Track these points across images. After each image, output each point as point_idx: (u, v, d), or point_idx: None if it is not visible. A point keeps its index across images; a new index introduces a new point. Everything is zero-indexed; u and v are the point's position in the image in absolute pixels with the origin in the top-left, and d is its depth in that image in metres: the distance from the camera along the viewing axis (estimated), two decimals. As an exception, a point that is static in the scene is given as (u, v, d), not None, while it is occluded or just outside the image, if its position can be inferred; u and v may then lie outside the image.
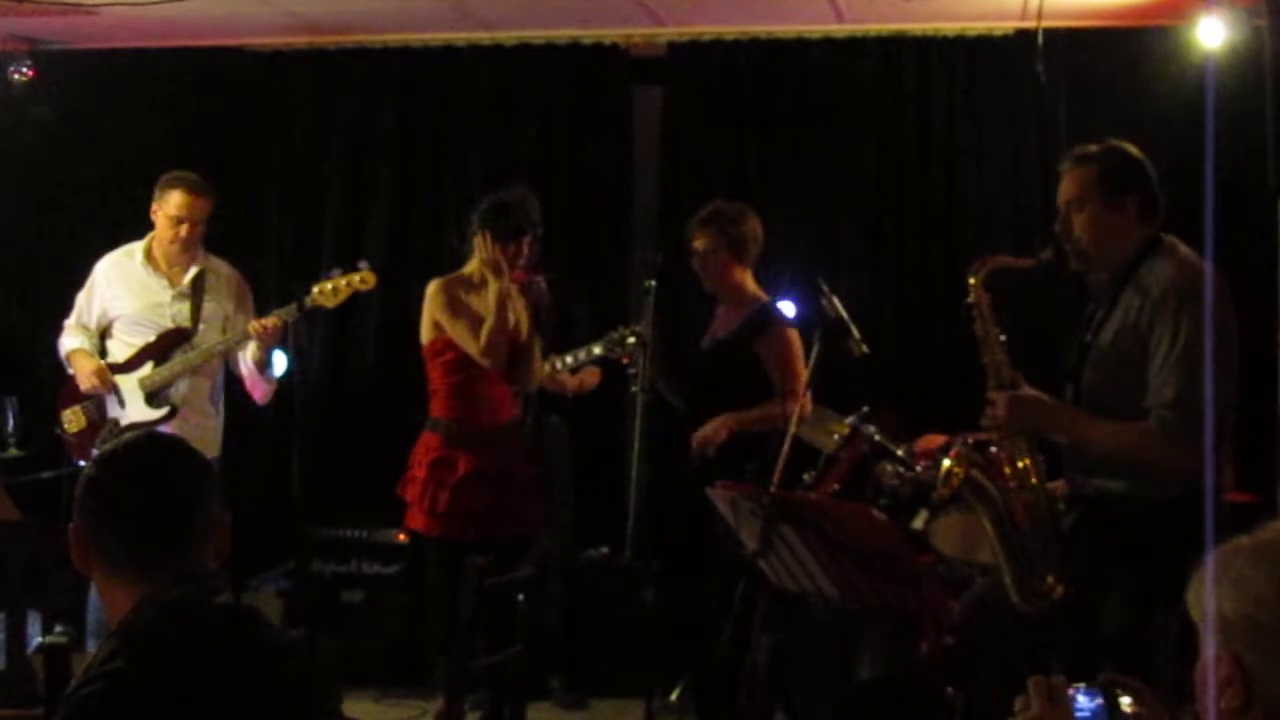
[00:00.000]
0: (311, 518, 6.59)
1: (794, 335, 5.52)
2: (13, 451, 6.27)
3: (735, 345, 5.59)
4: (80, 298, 6.16)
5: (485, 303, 5.39)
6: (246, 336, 5.89)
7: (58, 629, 5.30)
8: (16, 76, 7.16)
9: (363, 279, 5.82)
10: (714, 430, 5.50)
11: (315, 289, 5.78)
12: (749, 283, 5.69)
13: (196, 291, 6.07)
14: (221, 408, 6.21)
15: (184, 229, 5.96)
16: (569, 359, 5.97)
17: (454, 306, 5.44)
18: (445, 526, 5.43)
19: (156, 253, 6.10)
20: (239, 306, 6.17)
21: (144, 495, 2.37)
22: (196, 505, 2.40)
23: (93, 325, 6.13)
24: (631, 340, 5.50)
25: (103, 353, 6.09)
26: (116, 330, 6.11)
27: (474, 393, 5.48)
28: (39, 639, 4.98)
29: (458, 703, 4.40)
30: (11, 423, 6.31)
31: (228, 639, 2.31)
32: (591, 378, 6.28)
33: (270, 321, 5.80)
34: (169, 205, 5.96)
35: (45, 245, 7.27)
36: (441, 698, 5.17)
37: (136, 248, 6.11)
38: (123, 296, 6.08)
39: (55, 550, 5.45)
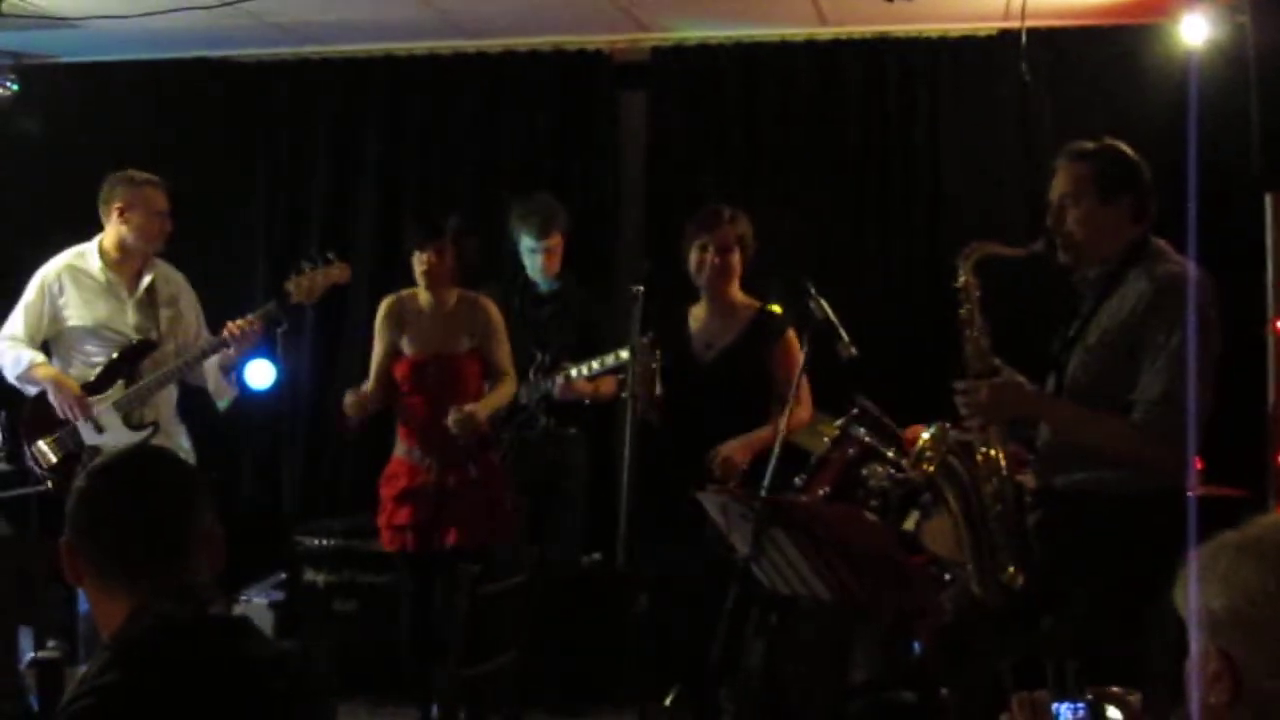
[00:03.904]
0: (303, 528, 6.59)
1: (796, 341, 5.36)
2: (0, 466, 5.94)
3: (748, 352, 5.45)
4: (24, 308, 5.73)
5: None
6: (223, 341, 5.53)
7: (50, 643, 5.29)
8: (1, 91, 7.12)
9: (339, 271, 5.62)
10: (736, 454, 5.28)
11: (290, 285, 5.52)
12: (734, 286, 5.58)
13: (152, 298, 5.74)
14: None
15: (166, 224, 5.69)
16: (591, 366, 5.81)
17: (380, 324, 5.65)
18: (387, 538, 5.62)
19: (115, 256, 5.73)
20: (190, 306, 5.89)
21: (136, 508, 2.36)
22: (189, 517, 2.39)
23: (40, 339, 5.71)
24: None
25: None
26: (72, 345, 5.70)
27: (407, 409, 5.61)
28: (31, 654, 4.97)
29: (452, 712, 4.41)
30: (0, 438, 6.00)
31: (220, 652, 2.31)
32: (607, 386, 5.97)
33: (245, 324, 5.48)
34: (155, 202, 5.68)
35: (32, 259, 7.22)
36: (436, 706, 5.19)
37: (89, 251, 5.75)
38: (83, 305, 5.70)
39: (45, 564, 5.45)
